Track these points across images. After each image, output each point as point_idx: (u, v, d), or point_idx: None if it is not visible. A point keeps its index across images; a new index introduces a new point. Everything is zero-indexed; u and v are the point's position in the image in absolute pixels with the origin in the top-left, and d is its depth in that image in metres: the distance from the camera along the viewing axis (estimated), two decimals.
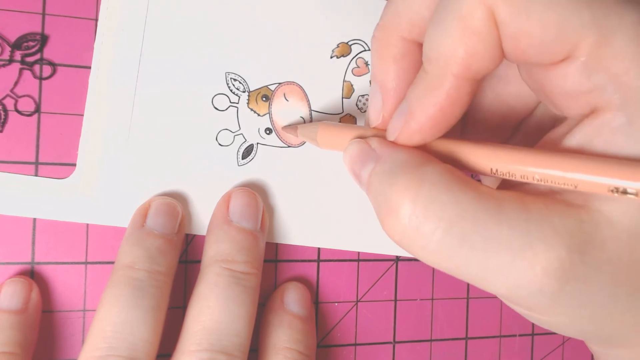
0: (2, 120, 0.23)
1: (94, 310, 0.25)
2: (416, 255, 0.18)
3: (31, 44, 0.23)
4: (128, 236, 0.24)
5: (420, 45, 0.20)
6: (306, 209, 0.27)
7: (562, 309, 0.17)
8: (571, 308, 0.17)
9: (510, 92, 0.22)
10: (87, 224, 0.24)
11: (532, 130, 0.22)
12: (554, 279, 0.16)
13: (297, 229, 0.27)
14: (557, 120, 0.20)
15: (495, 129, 0.22)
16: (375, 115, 0.22)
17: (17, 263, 0.24)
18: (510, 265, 0.16)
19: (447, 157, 0.19)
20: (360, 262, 0.28)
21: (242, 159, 0.26)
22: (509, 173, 0.18)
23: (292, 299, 0.26)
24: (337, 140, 0.22)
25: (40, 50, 0.24)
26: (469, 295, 0.30)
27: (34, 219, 0.24)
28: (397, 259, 0.29)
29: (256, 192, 0.26)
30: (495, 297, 0.30)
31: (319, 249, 0.28)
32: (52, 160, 0.24)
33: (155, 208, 0.24)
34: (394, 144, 0.20)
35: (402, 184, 0.17)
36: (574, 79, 0.17)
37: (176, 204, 0.25)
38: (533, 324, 0.31)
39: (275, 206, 0.27)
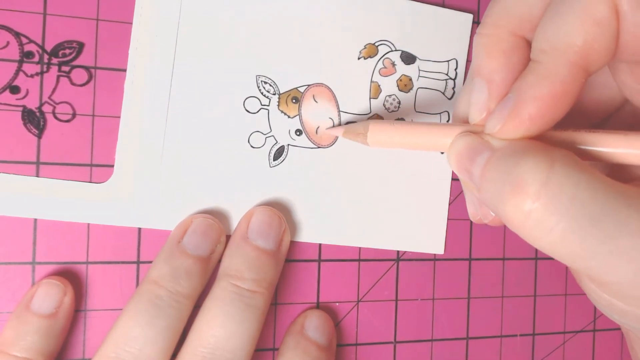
0: (41, 126, 0.24)
1: (95, 310, 0.25)
2: (539, 241, 0.17)
3: (67, 51, 0.24)
4: (163, 250, 0.24)
5: (526, 41, 0.20)
6: (338, 208, 0.27)
7: None
8: None
9: (599, 84, 0.22)
10: (89, 224, 0.24)
11: (618, 127, 0.22)
12: None
13: (330, 228, 0.27)
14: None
15: (579, 123, 0.22)
16: (479, 109, 0.21)
17: (18, 263, 0.24)
18: None
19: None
20: (361, 262, 0.28)
21: (274, 160, 0.26)
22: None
23: (313, 325, 0.26)
24: (389, 138, 0.22)
25: (77, 57, 0.24)
26: (470, 295, 0.30)
27: (35, 219, 0.24)
28: (398, 259, 0.29)
29: (283, 202, 0.26)
30: (495, 297, 0.30)
31: (319, 249, 0.28)
32: (88, 162, 0.24)
33: (195, 226, 0.24)
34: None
35: (532, 163, 0.16)
36: None
37: (217, 225, 0.25)
38: (534, 324, 0.31)
39: (307, 206, 0.27)
